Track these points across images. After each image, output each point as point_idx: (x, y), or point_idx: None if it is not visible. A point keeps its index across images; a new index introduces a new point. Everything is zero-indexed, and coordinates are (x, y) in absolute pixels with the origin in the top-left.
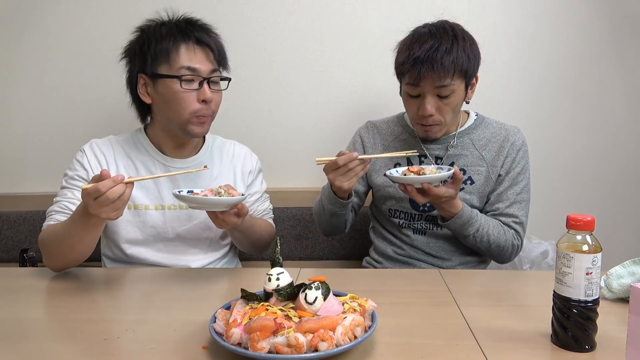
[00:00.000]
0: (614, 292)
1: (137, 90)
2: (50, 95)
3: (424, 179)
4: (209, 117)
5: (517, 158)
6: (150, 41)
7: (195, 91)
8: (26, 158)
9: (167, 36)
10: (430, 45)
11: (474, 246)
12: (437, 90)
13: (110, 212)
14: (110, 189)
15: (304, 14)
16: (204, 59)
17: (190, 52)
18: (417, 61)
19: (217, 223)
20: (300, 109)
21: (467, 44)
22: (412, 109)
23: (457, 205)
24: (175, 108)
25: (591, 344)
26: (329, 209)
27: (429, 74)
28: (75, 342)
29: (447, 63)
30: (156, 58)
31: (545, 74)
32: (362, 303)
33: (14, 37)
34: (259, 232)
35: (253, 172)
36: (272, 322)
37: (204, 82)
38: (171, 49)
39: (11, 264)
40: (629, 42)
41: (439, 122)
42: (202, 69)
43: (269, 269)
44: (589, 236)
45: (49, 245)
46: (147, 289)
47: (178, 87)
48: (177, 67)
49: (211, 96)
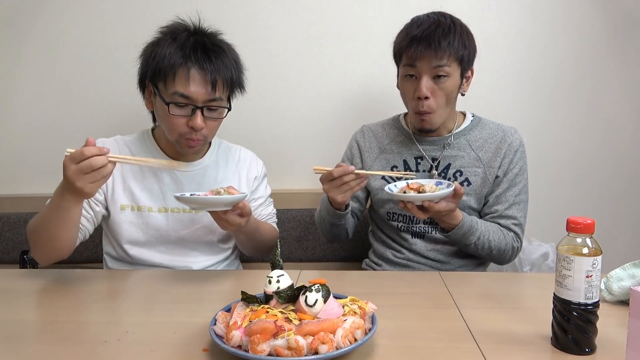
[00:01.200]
0: (614, 295)
1: (145, 94)
2: (52, 96)
3: (425, 197)
4: (200, 141)
5: (515, 159)
6: (156, 55)
7: (186, 116)
8: (27, 159)
9: (169, 56)
10: (428, 25)
11: (475, 253)
12: (433, 71)
13: (87, 182)
14: (94, 156)
15: (305, 16)
16: (201, 86)
17: (187, 78)
18: (414, 39)
19: (221, 224)
20: (300, 110)
21: (464, 33)
22: (409, 92)
23: (457, 216)
24: (166, 127)
25: (591, 346)
26: (328, 219)
27: (426, 52)
28: (75, 344)
29: (444, 44)
30: (157, 73)
31: (546, 75)
32: (363, 305)
33: (15, 38)
34: (264, 234)
35: (258, 177)
36: (273, 325)
37: (196, 110)
38: (170, 70)
39: (11, 265)
40: (628, 43)
41: (433, 109)
42: (196, 98)
43: (270, 272)
44: (589, 239)
45: (32, 233)
46: (148, 291)
47: (167, 111)
48: (171, 91)
49: (201, 125)
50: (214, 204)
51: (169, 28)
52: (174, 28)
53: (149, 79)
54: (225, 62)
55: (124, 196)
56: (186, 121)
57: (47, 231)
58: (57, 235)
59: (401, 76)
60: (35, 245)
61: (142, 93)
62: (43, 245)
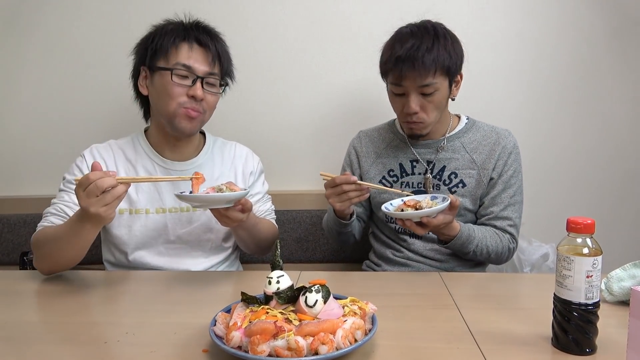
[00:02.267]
0: (615, 295)
1: (138, 82)
2: (50, 98)
3: (423, 213)
4: (198, 113)
5: (509, 161)
6: (155, 36)
7: (186, 87)
8: (26, 161)
9: (170, 33)
10: (411, 44)
11: (474, 259)
12: (420, 89)
13: (99, 206)
14: (100, 178)
15: (304, 17)
16: (202, 60)
17: (189, 51)
18: (398, 60)
19: (222, 221)
20: (300, 111)
21: (448, 42)
22: (398, 107)
23: (455, 227)
24: (164, 99)
25: (592, 347)
26: (334, 228)
27: (410, 72)
28: (75, 345)
29: (428, 62)
30: (157, 52)
31: (547, 77)
32: (363, 306)
33: (14, 39)
34: (263, 231)
35: (254, 172)
36: (273, 325)
37: (197, 80)
38: (171, 44)
39: (11, 266)
40: (629, 45)
41: (424, 120)
42: (198, 68)
43: (269, 272)
44: (589, 239)
45: (40, 246)
46: (148, 292)
47: (170, 79)
48: (173, 62)
49: (202, 94)
50: (217, 201)
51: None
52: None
53: (147, 62)
54: (222, 44)
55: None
56: (186, 91)
57: (59, 248)
58: (66, 254)
59: (389, 92)
60: (40, 256)
61: (135, 83)
62: (50, 259)
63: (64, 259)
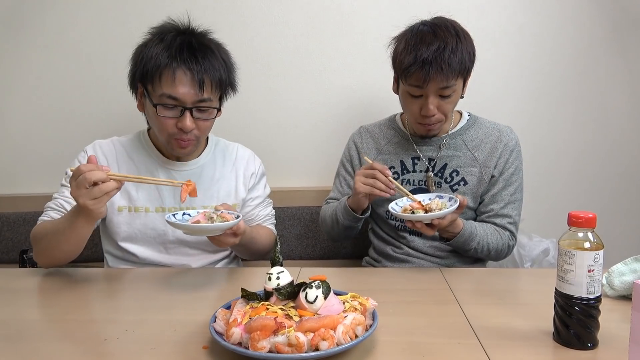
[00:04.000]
0: (616, 290)
1: (137, 95)
2: (50, 95)
3: (435, 215)
4: (191, 141)
5: (511, 159)
6: (144, 55)
7: (175, 118)
8: (26, 158)
9: (155, 58)
10: (437, 46)
11: (474, 255)
12: (440, 91)
13: (87, 198)
14: (90, 171)
15: (302, 14)
16: (189, 87)
17: (174, 79)
18: (425, 63)
19: (215, 243)
20: (299, 108)
21: (468, 42)
22: (414, 109)
23: (458, 225)
24: (156, 128)
25: (593, 341)
26: (345, 223)
27: (437, 75)
28: (74, 342)
29: (455, 64)
30: (144, 75)
31: (547, 72)
32: (363, 302)
33: (13, 37)
34: (260, 242)
35: (255, 174)
36: (273, 322)
37: (185, 111)
38: (156, 72)
39: (11, 265)
40: (630, 41)
41: (440, 120)
42: (184, 99)
43: (269, 268)
44: (590, 233)
45: (38, 240)
46: (147, 289)
47: (156, 113)
48: (159, 93)
49: (190, 126)
50: (207, 231)
51: (158, 29)
52: (162, 28)
53: (138, 80)
54: (213, 63)
55: (121, 197)
56: (175, 122)
57: (56, 242)
58: (63, 248)
59: (404, 92)
60: (38, 249)
61: (135, 95)
62: (47, 252)
63: (61, 252)
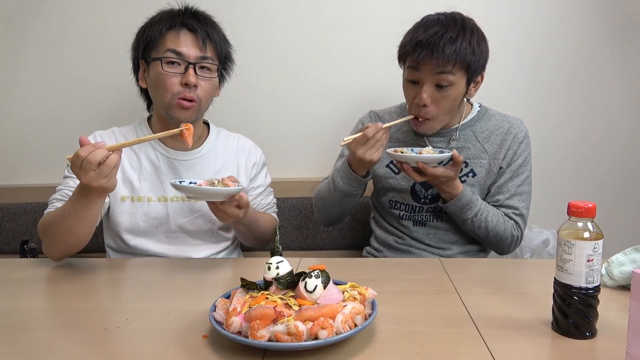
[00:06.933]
0: (615, 280)
1: (139, 75)
2: (51, 86)
3: (420, 158)
4: (194, 102)
5: (519, 150)
6: (146, 29)
7: (179, 74)
8: (26, 149)
9: (159, 22)
10: (435, 31)
11: (472, 232)
12: (436, 78)
13: (100, 179)
14: (90, 153)
15: (305, 4)
16: (192, 45)
17: (177, 37)
18: (418, 44)
19: (218, 215)
20: (300, 99)
21: (474, 37)
22: (410, 96)
23: (457, 186)
24: (160, 90)
25: (592, 331)
26: (345, 190)
27: (428, 59)
28: (75, 331)
29: (449, 52)
30: (148, 43)
31: (547, 65)
32: (362, 291)
33: (15, 28)
34: (263, 226)
35: (257, 164)
36: (272, 311)
37: (189, 67)
38: (160, 33)
39: (12, 255)
40: (628, 34)
41: (433, 116)
42: (188, 54)
43: (269, 258)
44: (590, 223)
45: (48, 230)
46: (148, 278)
47: (161, 68)
48: (163, 50)
49: (194, 80)
50: (210, 194)
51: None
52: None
53: (141, 55)
54: (214, 28)
55: (124, 187)
56: (179, 80)
57: (68, 226)
58: (76, 230)
59: (404, 79)
60: (49, 240)
61: (136, 77)
62: (60, 240)
63: (75, 236)
